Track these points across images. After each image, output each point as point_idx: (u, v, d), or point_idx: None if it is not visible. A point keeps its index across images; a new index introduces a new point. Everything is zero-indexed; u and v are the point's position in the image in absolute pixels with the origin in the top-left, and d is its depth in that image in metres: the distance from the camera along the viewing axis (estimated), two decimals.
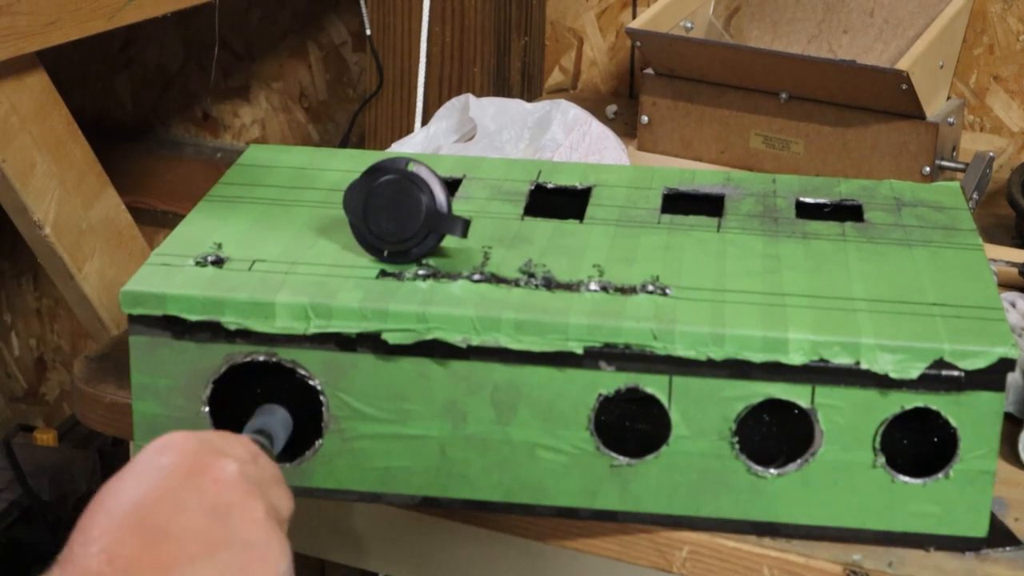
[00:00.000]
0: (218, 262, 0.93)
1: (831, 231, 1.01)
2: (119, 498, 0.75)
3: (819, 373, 0.87)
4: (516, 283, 0.91)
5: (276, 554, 0.75)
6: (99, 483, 0.76)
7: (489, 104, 1.36)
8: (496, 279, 0.92)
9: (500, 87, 1.74)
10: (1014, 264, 1.25)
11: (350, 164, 1.10)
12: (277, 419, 0.88)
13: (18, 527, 1.91)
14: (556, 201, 1.06)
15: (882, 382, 0.86)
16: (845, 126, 1.43)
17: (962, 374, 0.86)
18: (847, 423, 0.88)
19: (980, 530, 0.89)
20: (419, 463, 0.91)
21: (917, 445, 0.90)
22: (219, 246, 0.95)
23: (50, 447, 2.02)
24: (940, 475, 0.88)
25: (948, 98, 1.46)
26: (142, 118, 2.11)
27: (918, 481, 0.89)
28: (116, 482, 0.76)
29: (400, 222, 0.92)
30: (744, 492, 0.90)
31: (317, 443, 0.91)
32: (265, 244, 0.96)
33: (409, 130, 1.74)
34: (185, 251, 0.94)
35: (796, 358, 0.86)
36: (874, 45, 1.51)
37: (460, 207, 1.03)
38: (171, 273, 0.91)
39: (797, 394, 0.87)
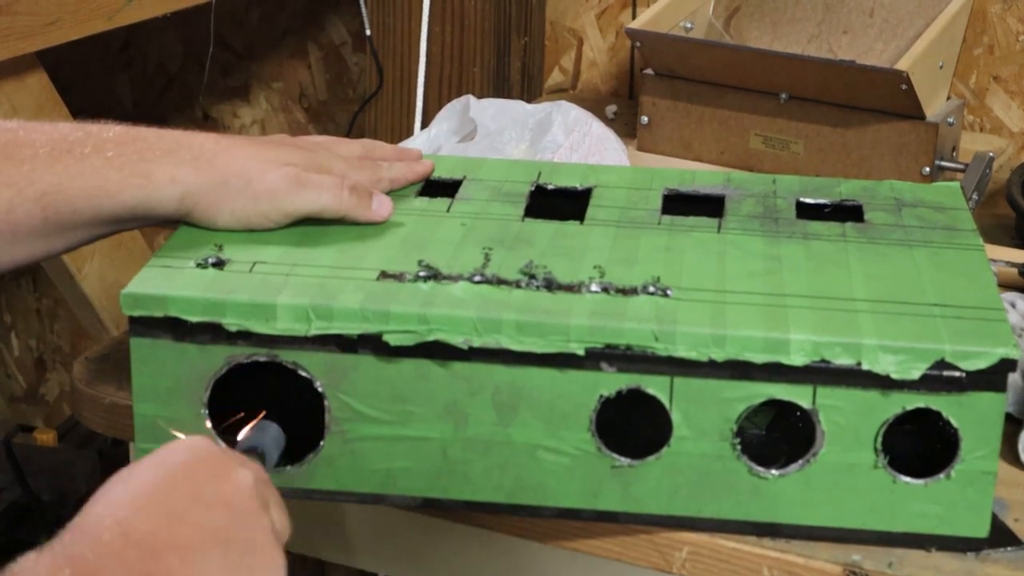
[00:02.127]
0: (219, 264, 0.93)
1: (832, 232, 1.01)
2: (135, 480, 0.75)
3: (820, 374, 0.87)
4: (517, 284, 0.91)
5: (278, 565, 0.76)
6: (99, 483, 0.76)
7: (490, 105, 1.36)
8: (497, 280, 0.92)
9: (500, 87, 1.74)
10: (1014, 264, 1.25)
11: None
12: (270, 436, 0.87)
13: (18, 527, 1.91)
14: (557, 202, 1.06)
15: (883, 383, 0.86)
16: (845, 126, 1.43)
17: (963, 375, 0.86)
18: (848, 424, 0.88)
19: (981, 530, 0.90)
20: (420, 464, 0.91)
21: (918, 446, 0.90)
22: (220, 248, 0.95)
23: (50, 447, 2.02)
24: (941, 475, 0.88)
25: (948, 98, 1.46)
26: (142, 118, 2.10)
27: (919, 482, 0.89)
28: (130, 469, 0.76)
29: None
30: (745, 493, 0.90)
31: (319, 445, 0.91)
32: (266, 246, 0.96)
33: (409, 130, 1.75)
34: (186, 253, 0.94)
35: (797, 359, 0.86)
36: (874, 45, 1.51)
37: (460, 208, 1.03)
38: (172, 275, 0.91)
39: (798, 395, 0.87)
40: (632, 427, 0.91)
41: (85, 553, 0.69)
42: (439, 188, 1.07)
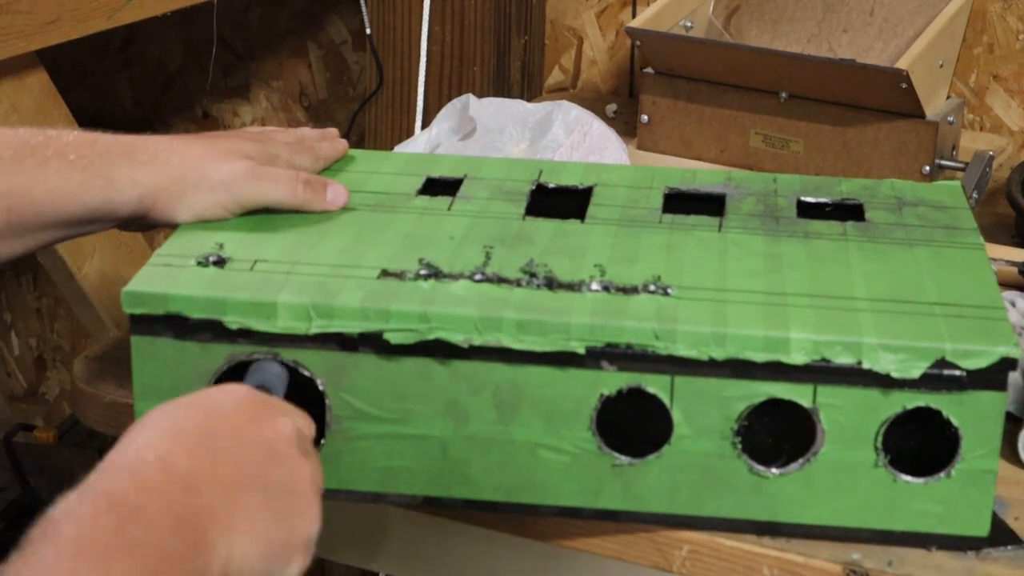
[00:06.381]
0: (220, 262, 0.93)
1: (832, 230, 1.01)
2: (175, 418, 0.75)
3: (821, 373, 0.87)
4: (518, 283, 0.91)
5: (315, 513, 0.77)
6: None
7: (490, 104, 1.36)
8: (498, 279, 0.92)
9: (500, 86, 1.74)
10: (1014, 263, 1.25)
11: (350, 164, 1.10)
12: (272, 373, 0.88)
13: (18, 527, 1.91)
14: (557, 201, 1.06)
15: (884, 382, 0.86)
16: (845, 125, 1.43)
17: (964, 373, 0.86)
18: (849, 422, 0.88)
19: (982, 529, 0.90)
20: (421, 463, 0.91)
21: (918, 444, 0.90)
22: (221, 246, 0.95)
23: (50, 446, 2.02)
24: (942, 474, 0.88)
25: (948, 97, 1.46)
26: (142, 117, 2.11)
27: (920, 480, 0.89)
28: (167, 407, 0.76)
29: None
30: (746, 492, 0.90)
31: (319, 443, 0.91)
32: (267, 244, 0.96)
33: (409, 130, 1.75)
34: (187, 251, 0.94)
35: (798, 358, 0.86)
36: (874, 44, 1.51)
37: (461, 207, 1.03)
38: (173, 273, 0.91)
39: (799, 394, 0.87)
40: (633, 426, 0.91)
41: (127, 492, 0.69)
42: (440, 187, 1.07)
